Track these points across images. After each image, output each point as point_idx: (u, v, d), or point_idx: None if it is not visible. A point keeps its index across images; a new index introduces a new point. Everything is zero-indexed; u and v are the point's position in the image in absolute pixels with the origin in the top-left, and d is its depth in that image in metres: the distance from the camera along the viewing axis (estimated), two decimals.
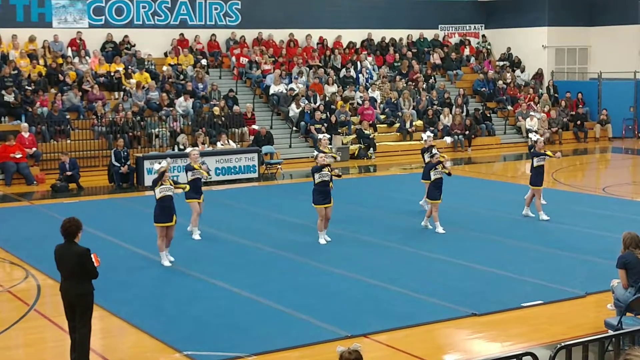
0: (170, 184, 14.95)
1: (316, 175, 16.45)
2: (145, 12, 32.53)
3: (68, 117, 27.51)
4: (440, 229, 17.25)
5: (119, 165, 24.52)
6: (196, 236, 17.11)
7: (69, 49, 30.98)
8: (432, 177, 17.37)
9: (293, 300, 12.73)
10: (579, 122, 34.87)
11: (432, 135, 20.11)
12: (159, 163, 15.26)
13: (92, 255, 9.69)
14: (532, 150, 18.71)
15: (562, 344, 8.47)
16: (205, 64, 32.10)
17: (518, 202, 19.62)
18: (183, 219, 16.73)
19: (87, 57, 30.74)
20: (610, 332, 9.78)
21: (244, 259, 15.61)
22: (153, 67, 31.53)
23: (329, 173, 16.51)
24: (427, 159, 18.84)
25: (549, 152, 18.66)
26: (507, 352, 10.15)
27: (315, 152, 17.46)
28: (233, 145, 27.19)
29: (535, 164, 18.37)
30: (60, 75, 29.26)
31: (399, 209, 20.01)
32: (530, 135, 19.52)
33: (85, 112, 28.18)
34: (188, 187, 16.09)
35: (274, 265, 15.14)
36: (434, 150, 18.41)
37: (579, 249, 15.76)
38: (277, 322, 11.74)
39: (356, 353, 6.44)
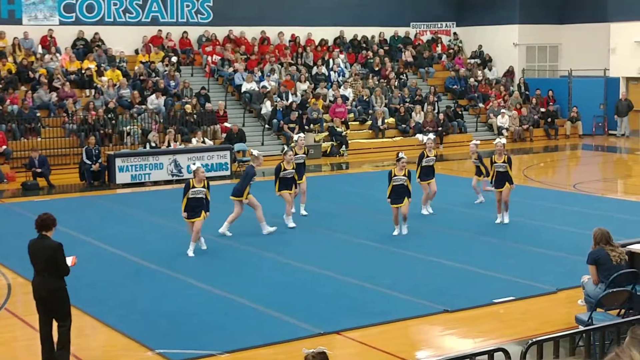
0: (204, 186, 15.56)
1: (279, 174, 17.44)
2: (116, 9, 32.34)
3: (39, 114, 27.30)
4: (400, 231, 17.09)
5: (90, 163, 24.40)
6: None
7: (40, 46, 30.76)
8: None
9: (266, 297, 12.73)
10: (549, 120, 35.08)
11: (432, 137, 19.91)
12: (194, 164, 16.32)
13: (70, 259, 9.78)
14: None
15: (534, 340, 8.54)
16: (175, 60, 31.97)
17: (489, 199, 19.68)
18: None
19: (57, 55, 30.53)
20: (581, 328, 9.86)
21: (217, 256, 15.59)
22: (125, 64, 31.37)
23: (292, 171, 17.43)
24: (424, 163, 18.79)
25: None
26: (479, 348, 10.20)
27: (286, 148, 17.91)
28: (209, 142, 27.12)
29: (498, 170, 17.79)
30: (30, 73, 29.05)
31: (372, 207, 20.02)
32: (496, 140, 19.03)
33: (56, 110, 27.99)
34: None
35: (247, 262, 15.12)
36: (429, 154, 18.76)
37: (550, 245, 15.86)
38: (250, 320, 11.73)
39: (321, 355, 6.40)
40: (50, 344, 9.90)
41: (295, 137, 19.98)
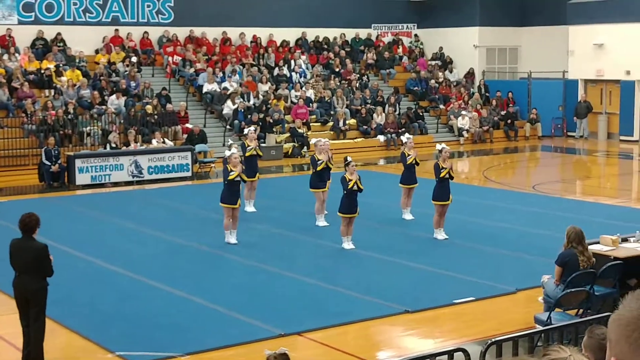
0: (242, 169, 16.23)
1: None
2: (76, 8, 32.05)
3: None
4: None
5: (49, 164, 24.16)
6: (322, 222, 17.83)
7: None
8: None
9: (227, 299, 12.71)
10: (509, 121, 35.33)
11: (411, 137, 19.61)
12: (229, 149, 16.63)
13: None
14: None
15: (493, 340, 8.61)
16: (136, 60, 31.77)
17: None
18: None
19: (16, 54, 30.21)
20: (540, 328, 9.95)
21: (178, 257, 15.52)
22: (85, 64, 31.12)
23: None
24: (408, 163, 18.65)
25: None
26: (439, 348, 10.26)
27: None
28: (170, 143, 27.00)
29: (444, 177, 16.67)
30: None
31: (333, 208, 20.02)
32: (438, 146, 18.05)
33: (15, 110, 27.71)
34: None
35: (208, 264, 15.08)
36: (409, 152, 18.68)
37: (509, 245, 15.99)
38: (211, 321, 11.70)
39: (283, 356, 6.42)
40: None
41: (246, 130, 20.08)
